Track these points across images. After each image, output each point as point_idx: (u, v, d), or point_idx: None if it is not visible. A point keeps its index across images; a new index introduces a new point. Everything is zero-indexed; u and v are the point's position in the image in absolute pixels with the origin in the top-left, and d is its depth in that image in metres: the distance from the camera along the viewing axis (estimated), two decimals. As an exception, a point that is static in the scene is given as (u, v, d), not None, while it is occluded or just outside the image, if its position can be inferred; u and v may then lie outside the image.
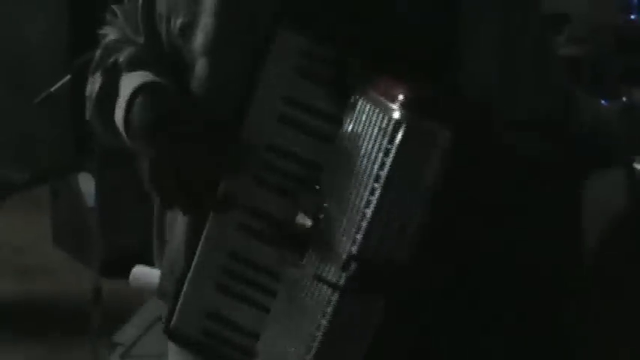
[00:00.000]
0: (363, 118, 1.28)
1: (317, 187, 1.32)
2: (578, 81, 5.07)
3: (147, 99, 1.40)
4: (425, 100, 1.21)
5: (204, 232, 1.40)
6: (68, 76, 3.20)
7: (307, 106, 1.34)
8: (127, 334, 3.72)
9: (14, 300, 4.05)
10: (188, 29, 1.45)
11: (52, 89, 3.20)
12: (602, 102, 3.10)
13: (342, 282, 1.24)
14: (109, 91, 1.48)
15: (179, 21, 1.46)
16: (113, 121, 1.46)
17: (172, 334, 1.45)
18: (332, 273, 1.26)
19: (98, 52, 1.57)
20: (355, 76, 1.30)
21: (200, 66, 1.44)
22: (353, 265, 1.23)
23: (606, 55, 4.85)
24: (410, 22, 1.37)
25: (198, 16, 1.44)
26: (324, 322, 1.27)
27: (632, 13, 5.54)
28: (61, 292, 4.18)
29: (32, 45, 5.28)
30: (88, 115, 1.57)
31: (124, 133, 1.44)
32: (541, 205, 1.37)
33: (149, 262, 2.57)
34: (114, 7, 1.60)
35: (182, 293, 1.42)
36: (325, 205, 1.31)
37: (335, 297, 1.25)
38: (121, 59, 1.50)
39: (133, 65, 1.49)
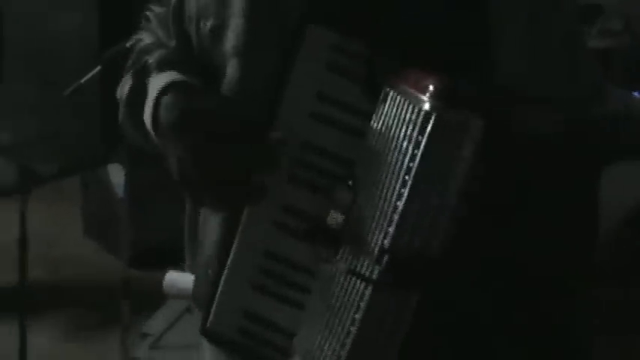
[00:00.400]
0: (394, 111, 1.26)
1: (350, 182, 1.32)
2: (610, 73, 5.04)
3: (174, 97, 1.39)
4: (455, 91, 1.20)
5: (238, 232, 1.40)
6: (98, 68, 3.21)
7: (340, 102, 1.33)
8: (156, 324, 3.74)
9: (45, 290, 4.08)
10: (218, 31, 1.46)
11: (82, 81, 3.21)
12: (635, 94, 3.09)
13: (375, 275, 1.23)
14: (139, 92, 1.47)
15: (209, 23, 1.47)
16: (143, 123, 1.46)
17: (209, 335, 1.45)
18: (365, 267, 1.25)
19: (132, 56, 1.58)
20: (386, 69, 1.30)
21: (231, 67, 1.44)
22: (385, 258, 1.22)
23: (639, 47, 4.82)
24: (432, 21, 1.36)
25: (228, 19, 1.45)
26: (357, 316, 1.26)
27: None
28: (91, 282, 4.21)
29: (63, 37, 5.30)
30: (120, 117, 1.57)
31: (152, 132, 1.43)
32: (554, 200, 1.35)
33: (179, 254, 2.57)
34: (147, 13, 1.61)
35: (217, 293, 1.42)
36: (358, 199, 1.30)
37: (368, 291, 1.24)
38: (150, 60, 1.50)
39: (163, 66, 1.49)
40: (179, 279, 2.99)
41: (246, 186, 1.34)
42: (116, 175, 4.09)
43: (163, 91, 1.40)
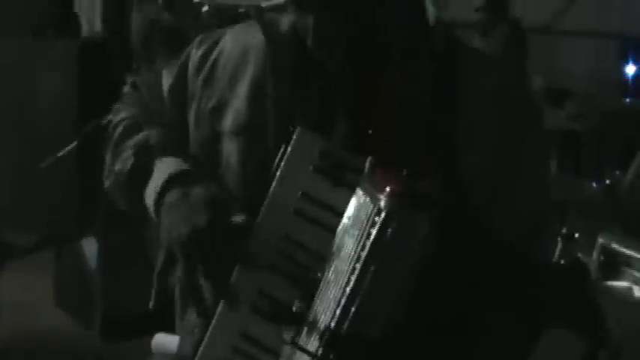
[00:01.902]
0: (358, 207, 1.38)
1: (319, 274, 1.41)
2: (578, 155, 5.15)
3: (178, 191, 1.52)
4: (409, 193, 1.30)
5: (217, 311, 1.49)
6: (75, 143, 3.28)
7: (320, 202, 1.44)
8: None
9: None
10: (219, 111, 1.60)
11: (59, 154, 3.27)
12: (594, 184, 3.23)
13: (319, 353, 1.33)
14: (141, 170, 1.60)
15: (211, 102, 1.61)
16: (141, 198, 1.59)
17: None
18: (314, 345, 1.35)
19: (120, 129, 1.70)
20: (360, 173, 1.41)
21: (227, 143, 1.58)
22: (327, 337, 1.32)
23: (599, 134, 4.93)
24: (405, 116, 1.49)
25: (230, 100, 1.59)
26: None
27: (627, 97, 5.67)
28: (62, 353, 4.21)
29: (42, 110, 5.37)
30: (108, 185, 1.69)
31: (152, 213, 1.56)
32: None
33: (150, 325, 2.62)
34: (134, 79, 1.71)
35: None
36: (322, 287, 1.40)
37: None
38: (152, 142, 1.63)
39: (165, 150, 1.62)
40: (166, 340, 3.05)
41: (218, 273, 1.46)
42: (89, 248, 4.12)
43: (169, 181, 1.54)
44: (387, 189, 1.30)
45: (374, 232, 1.30)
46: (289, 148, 1.46)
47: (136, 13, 5.06)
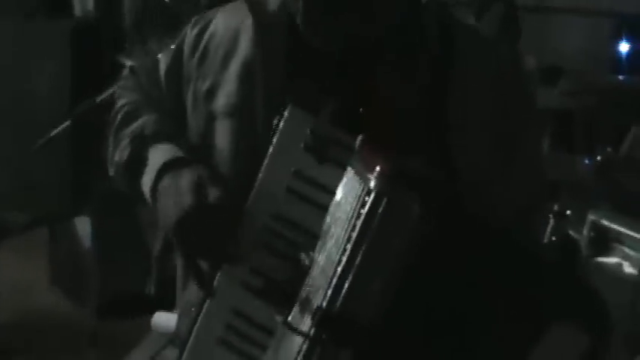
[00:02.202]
0: (349, 186, 1.38)
1: (311, 253, 1.42)
2: (572, 133, 5.16)
3: (169, 177, 1.55)
4: (399, 174, 1.30)
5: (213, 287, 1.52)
6: (68, 122, 3.27)
7: (311, 180, 1.46)
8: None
9: (11, 340, 4.09)
10: (212, 93, 1.61)
11: (52, 134, 3.27)
12: (586, 160, 3.24)
13: (311, 332, 1.33)
14: (138, 160, 1.63)
15: (206, 84, 1.62)
16: (139, 184, 1.62)
17: None
18: (306, 325, 1.35)
19: (120, 115, 1.72)
20: (351, 152, 1.41)
21: (220, 125, 1.59)
22: (319, 317, 1.32)
23: (593, 112, 4.93)
24: (398, 100, 1.51)
25: (222, 81, 1.60)
26: None
27: (620, 74, 5.68)
28: (57, 332, 4.23)
29: (36, 92, 5.35)
30: (111, 173, 1.72)
31: (149, 200, 1.58)
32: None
33: (144, 304, 2.64)
34: (133, 65, 1.73)
35: (189, 341, 1.53)
36: (314, 266, 1.41)
37: (304, 346, 1.34)
38: (147, 131, 1.65)
39: (160, 137, 1.63)
40: (166, 318, 3.07)
41: (216, 255, 1.49)
42: (83, 226, 4.13)
43: (163, 169, 1.56)
44: (377, 169, 1.30)
45: (364, 212, 1.30)
46: (280, 126, 1.47)
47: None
